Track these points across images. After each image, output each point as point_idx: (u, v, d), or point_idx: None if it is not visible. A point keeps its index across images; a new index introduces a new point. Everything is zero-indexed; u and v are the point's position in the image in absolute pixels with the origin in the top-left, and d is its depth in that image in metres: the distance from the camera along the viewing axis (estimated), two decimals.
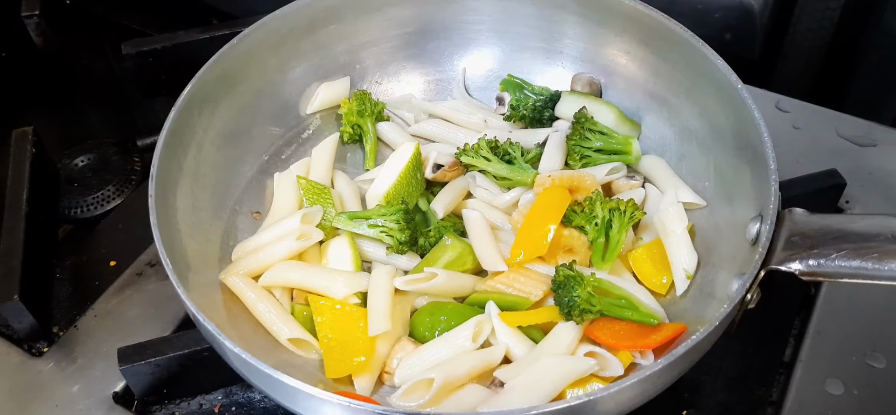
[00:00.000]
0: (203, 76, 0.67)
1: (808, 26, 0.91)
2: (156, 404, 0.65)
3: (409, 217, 0.65)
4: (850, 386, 0.61)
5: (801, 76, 0.95)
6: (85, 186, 0.82)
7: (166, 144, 0.63)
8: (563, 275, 0.60)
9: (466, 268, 0.65)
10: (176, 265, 0.56)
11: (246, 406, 0.65)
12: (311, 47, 0.76)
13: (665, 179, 0.70)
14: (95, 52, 1.05)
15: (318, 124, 0.79)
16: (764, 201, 0.56)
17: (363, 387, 0.59)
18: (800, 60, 0.94)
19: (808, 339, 0.65)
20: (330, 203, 0.69)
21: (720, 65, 0.64)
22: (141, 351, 0.61)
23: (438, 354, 0.60)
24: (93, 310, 0.69)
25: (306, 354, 0.62)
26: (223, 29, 0.82)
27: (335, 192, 0.72)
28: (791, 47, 0.94)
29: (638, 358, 0.59)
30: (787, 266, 0.52)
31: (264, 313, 0.62)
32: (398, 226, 0.65)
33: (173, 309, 0.69)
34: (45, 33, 1.00)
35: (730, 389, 0.65)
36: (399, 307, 0.63)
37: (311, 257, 0.67)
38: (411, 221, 0.65)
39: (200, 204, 0.67)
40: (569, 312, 0.59)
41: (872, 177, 0.77)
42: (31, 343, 0.68)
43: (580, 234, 0.65)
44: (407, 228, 0.65)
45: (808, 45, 0.93)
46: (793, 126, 0.82)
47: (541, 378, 0.56)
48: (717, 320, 0.51)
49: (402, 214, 0.65)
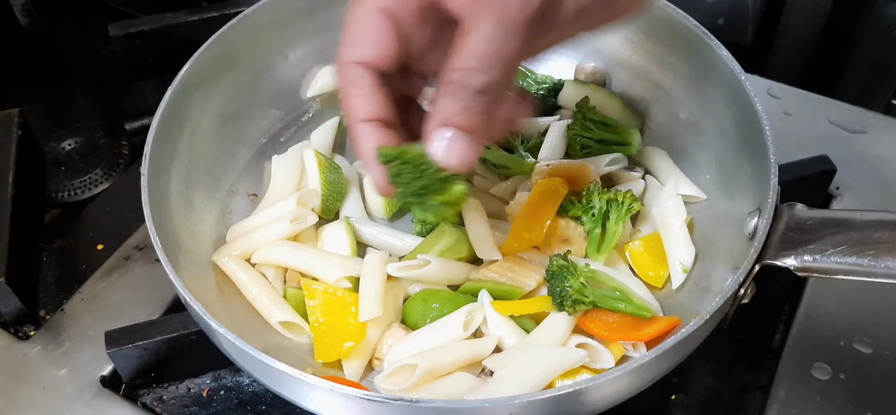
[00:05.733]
0: (202, 56, 0.67)
1: (801, 13, 0.91)
2: (144, 388, 0.64)
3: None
4: (837, 371, 0.62)
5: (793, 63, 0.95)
6: (72, 169, 0.81)
7: (162, 122, 0.62)
8: (556, 265, 0.60)
9: (462, 256, 0.65)
10: (166, 245, 0.55)
11: (235, 390, 0.64)
12: (312, 30, 0.75)
13: (665, 171, 0.70)
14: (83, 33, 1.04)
15: (317, 108, 0.78)
16: (762, 196, 0.56)
17: (352, 372, 0.59)
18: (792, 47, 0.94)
19: (797, 324, 0.65)
20: (342, 183, 0.69)
21: (724, 56, 0.64)
22: (128, 334, 0.61)
23: (429, 341, 0.59)
24: (80, 293, 0.69)
25: (297, 337, 0.62)
26: (212, 11, 0.81)
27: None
28: (784, 34, 0.94)
29: (630, 351, 0.59)
30: (782, 261, 0.51)
31: (256, 296, 0.62)
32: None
33: (161, 292, 0.68)
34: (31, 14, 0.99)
35: (719, 374, 0.65)
36: (391, 293, 0.63)
37: (308, 241, 0.67)
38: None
39: (195, 184, 0.67)
40: (561, 302, 0.59)
41: (863, 163, 0.77)
42: (17, 327, 0.67)
43: (577, 224, 0.65)
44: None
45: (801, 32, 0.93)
46: (784, 112, 0.82)
47: (530, 368, 0.56)
48: (708, 313, 0.51)
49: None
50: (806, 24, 0.92)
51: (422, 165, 0.48)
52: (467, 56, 0.44)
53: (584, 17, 0.46)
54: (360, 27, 0.48)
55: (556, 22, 0.45)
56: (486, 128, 0.46)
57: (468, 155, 0.46)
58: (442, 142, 0.46)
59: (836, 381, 0.61)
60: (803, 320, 0.65)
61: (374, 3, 0.48)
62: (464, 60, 0.44)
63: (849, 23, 0.91)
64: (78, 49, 1.06)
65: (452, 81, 0.44)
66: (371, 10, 0.48)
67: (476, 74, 0.44)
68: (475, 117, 0.45)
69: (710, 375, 0.65)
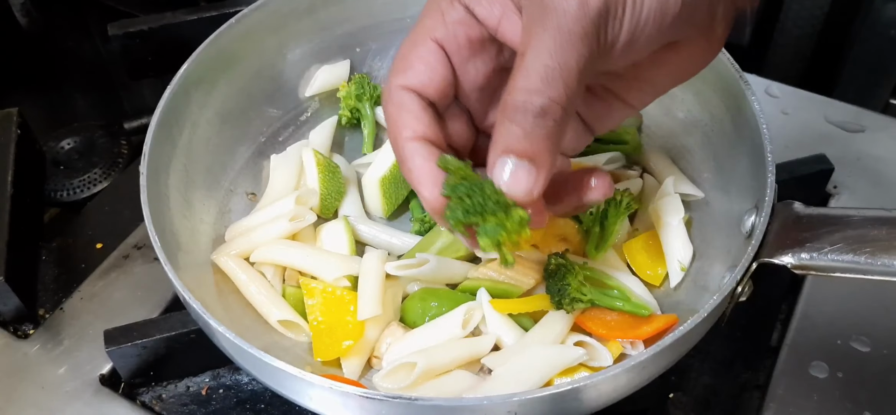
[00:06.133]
0: (200, 55, 0.67)
1: (798, 12, 0.91)
2: (143, 387, 0.64)
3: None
4: (835, 369, 0.62)
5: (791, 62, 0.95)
6: (71, 168, 0.81)
7: (161, 121, 0.62)
8: (554, 264, 0.60)
9: (460, 255, 0.65)
10: (165, 244, 0.56)
11: (234, 388, 0.65)
12: (310, 29, 0.76)
13: (663, 169, 0.70)
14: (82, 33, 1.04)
15: (316, 107, 0.78)
16: (760, 194, 0.56)
17: (351, 370, 0.59)
18: (790, 46, 0.94)
19: (795, 323, 0.65)
20: (340, 182, 0.69)
21: (722, 55, 0.64)
22: (127, 333, 0.61)
23: (427, 339, 0.60)
24: (79, 292, 0.69)
25: (296, 336, 0.62)
26: (211, 10, 0.81)
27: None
28: (781, 33, 0.94)
29: (628, 349, 0.59)
30: (780, 259, 0.51)
31: (255, 294, 0.62)
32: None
33: (160, 291, 0.68)
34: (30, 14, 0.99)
35: (717, 372, 0.65)
36: (390, 292, 0.63)
37: (307, 240, 0.67)
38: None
39: (194, 183, 0.67)
40: (559, 301, 0.59)
41: (860, 163, 0.77)
42: (16, 325, 0.67)
43: (574, 223, 0.65)
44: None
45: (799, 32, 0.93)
46: (782, 111, 0.82)
47: (528, 366, 0.56)
48: (706, 311, 0.51)
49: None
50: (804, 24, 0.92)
51: (483, 192, 0.43)
52: (526, 75, 0.41)
53: (640, 37, 0.42)
54: (409, 55, 0.46)
55: (616, 35, 0.42)
56: (551, 155, 0.42)
57: (533, 185, 0.42)
58: (503, 172, 0.42)
59: (834, 379, 0.62)
60: (801, 318, 0.65)
61: (425, 32, 0.46)
62: (522, 80, 0.41)
63: (846, 22, 0.92)
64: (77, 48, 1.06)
65: (511, 104, 0.41)
66: (422, 38, 0.46)
67: (536, 95, 0.40)
68: (538, 143, 0.41)
69: (707, 373, 0.65)
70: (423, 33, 0.46)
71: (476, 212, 0.43)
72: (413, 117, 0.46)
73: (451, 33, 0.46)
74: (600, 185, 0.51)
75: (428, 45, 0.46)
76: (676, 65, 0.47)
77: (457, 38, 0.46)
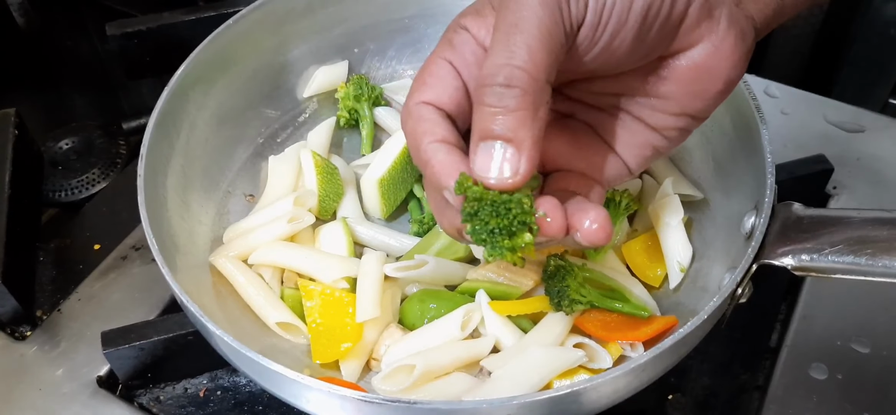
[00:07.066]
0: (198, 56, 0.66)
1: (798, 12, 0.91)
2: (140, 389, 0.64)
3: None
4: (835, 370, 0.62)
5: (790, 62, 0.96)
6: (69, 169, 0.81)
7: (158, 122, 0.62)
8: (553, 265, 0.60)
9: (459, 256, 0.65)
10: (162, 246, 0.55)
11: (231, 390, 0.64)
12: (309, 29, 0.75)
13: (663, 170, 0.70)
14: (79, 33, 1.04)
15: (314, 108, 0.78)
16: (759, 195, 0.56)
17: (350, 373, 0.59)
18: (789, 46, 0.94)
19: (794, 324, 0.65)
20: (338, 184, 0.69)
21: None
22: (125, 335, 0.61)
23: (426, 341, 0.59)
24: (76, 294, 0.69)
25: (294, 338, 0.62)
26: (209, 10, 0.81)
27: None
28: (781, 33, 0.94)
29: (628, 350, 0.59)
30: (780, 260, 0.51)
31: (253, 297, 0.62)
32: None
33: (158, 293, 0.68)
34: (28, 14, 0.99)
35: (716, 374, 0.65)
36: (389, 294, 0.63)
37: (305, 242, 0.67)
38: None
39: (191, 185, 0.66)
40: (558, 302, 0.59)
41: (860, 163, 0.77)
42: (14, 327, 0.67)
43: None
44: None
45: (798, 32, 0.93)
46: (781, 112, 0.82)
47: (528, 368, 0.56)
48: (706, 313, 0.50)
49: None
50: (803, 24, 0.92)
51: (503, 204, 0.43)
52: (490, 56, 0.42)
53: (609, 24, 0.43)
54: (423, 75, 0.47)
55: (581, 15, 0.42)
56: (528, 130, 0.42)
57: (514, 164, 0.42)
58: (484, 158, 0.42)
59: (834, 380, 0.61)
60: (801, 319, 0.65)
61: (436, 55, 0.48)
62: (487, 61, 0.42)
63: (846, 22, 0.92)
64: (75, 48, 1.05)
65: (479, 85, 0.42)
66: (433, 61, 0.48)
67: (499, 68, 0.41)
68: (510, 119, 0.41)
69: (707, 374, 0.65)
70: (435, 57, 0.48)
71: (492, 233, 0.43)
72: (432, 124, 0.46)
73: (459, 52, 0.47)
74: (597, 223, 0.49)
75: (439, 64, 0.48)
76: (688, 78, 0.47)
77: (464, 56, 0.47)
